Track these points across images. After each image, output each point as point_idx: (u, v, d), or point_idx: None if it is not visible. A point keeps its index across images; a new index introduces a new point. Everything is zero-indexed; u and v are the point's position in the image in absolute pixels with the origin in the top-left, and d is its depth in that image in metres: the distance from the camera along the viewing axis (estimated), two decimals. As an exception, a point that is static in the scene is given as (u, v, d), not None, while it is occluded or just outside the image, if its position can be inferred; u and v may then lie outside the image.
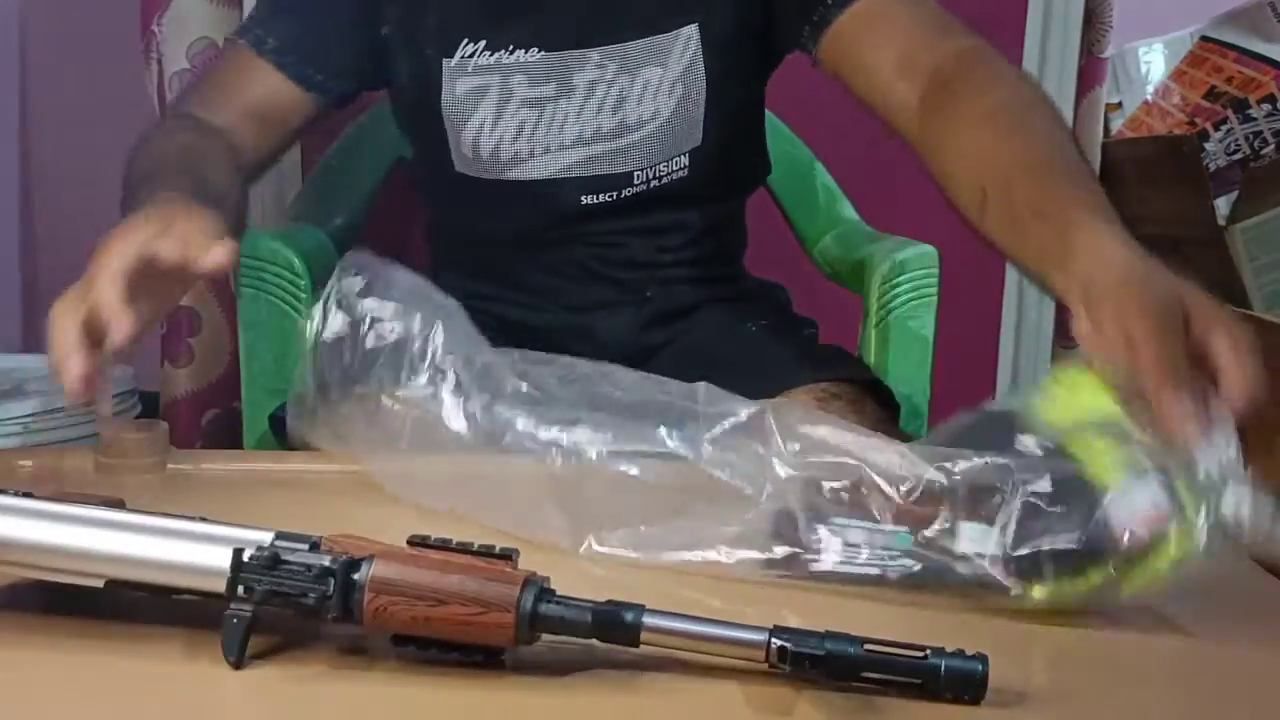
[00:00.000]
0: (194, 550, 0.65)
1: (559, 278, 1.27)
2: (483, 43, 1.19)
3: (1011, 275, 2.06)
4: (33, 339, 2.38)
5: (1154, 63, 2.15)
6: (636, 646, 0.63)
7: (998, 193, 0.90)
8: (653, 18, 1.19)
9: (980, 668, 0.61)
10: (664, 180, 1.23)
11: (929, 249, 1.37)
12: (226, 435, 1.88)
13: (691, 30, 1.19)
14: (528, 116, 1.20)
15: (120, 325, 0.80)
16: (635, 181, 1.23)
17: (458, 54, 1.20)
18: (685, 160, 1.23)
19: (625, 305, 1.28)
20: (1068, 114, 1.99)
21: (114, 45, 2.11)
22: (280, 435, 1.18)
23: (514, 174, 1.22)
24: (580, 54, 1.19)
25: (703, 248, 1.30)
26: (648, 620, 0.63)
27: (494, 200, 1.25)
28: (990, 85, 1.00)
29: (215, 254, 0.84)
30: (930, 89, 1.02)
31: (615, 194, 1.23)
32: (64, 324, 0.81)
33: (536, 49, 1.19)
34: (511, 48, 1.19)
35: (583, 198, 1.23)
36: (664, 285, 1.29)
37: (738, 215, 1.38)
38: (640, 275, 1.28)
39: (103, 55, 2.21)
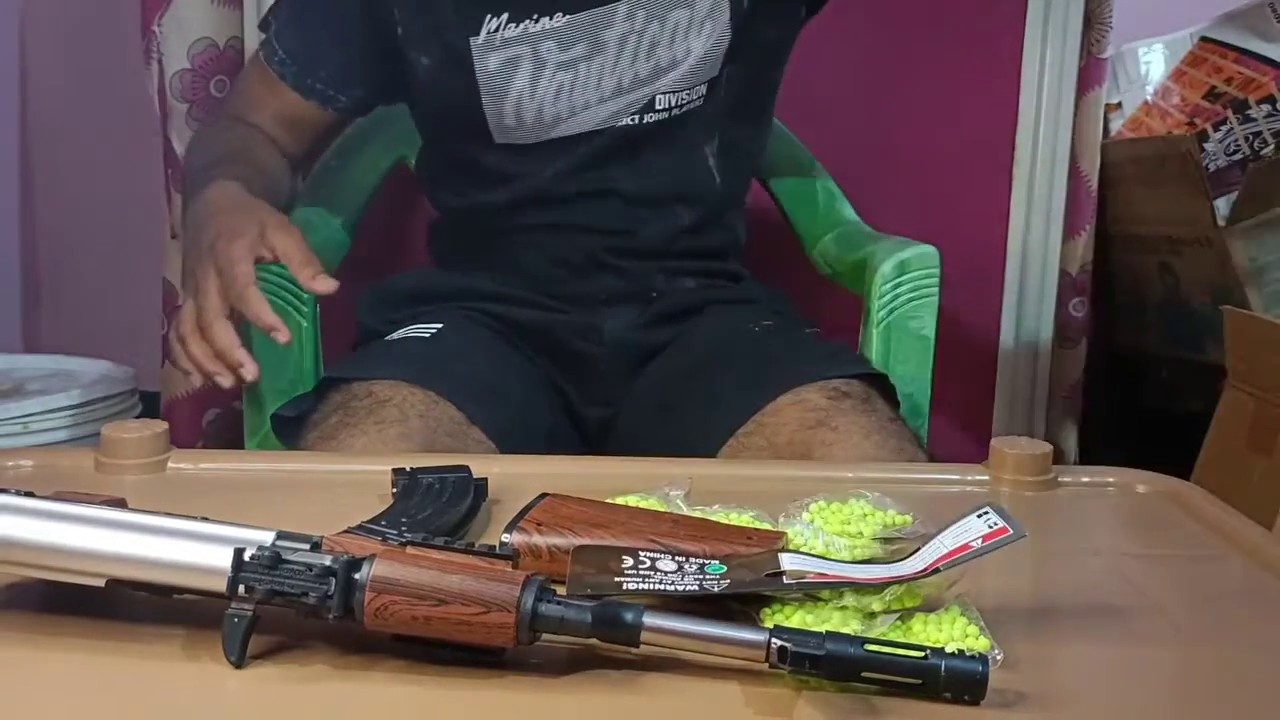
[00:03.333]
0: (195, 549, 0.65)
1: (566, 269, 1.27)
2: (505, 15, 1.21)
3: (1011, 275, 2.06)
4: (33, 339, 2.39)
5: (1154, 63, 2.15)
6: (636, 646, 0.63)
7: None
8: None
9: (980, 668, 0.61)
10: (683, 108, 1.26)
11: (929, 249, 1.37)
12: (226, 435, 1.88)
13: None
14: (564, 79, 1.23)
15: (249, 369, 1.07)
16: (658, 106, 1.25)
17: (483, 31, 1.22)
18: (703, 90, 1.26)
19: (631, 302, 1.28)
20: (1068, 114, 1.99)
21: (114, 45, 2.11)
22: (281, 434, 1.18)
23: (560, 131, 1.25)
24: (607, 10, 1.21)
25: (706, 235, 1.31)
26: (648, 620, 0.63)
27: (537, 160, 1.27)
28: None
29: (323, 285, 1.10)
30: None
31: (638, 118, 1.25)
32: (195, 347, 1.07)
33: (561, 14, 1.21)
34: (536, 16, 1.21)
35: (624, 119, 1.25)
36: (670, 278, 1.29)
37: (737, 209, 1.38)
38: (648, 266, 1.28)
39: (103, 55, 2.21)
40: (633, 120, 1.26)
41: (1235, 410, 1.62)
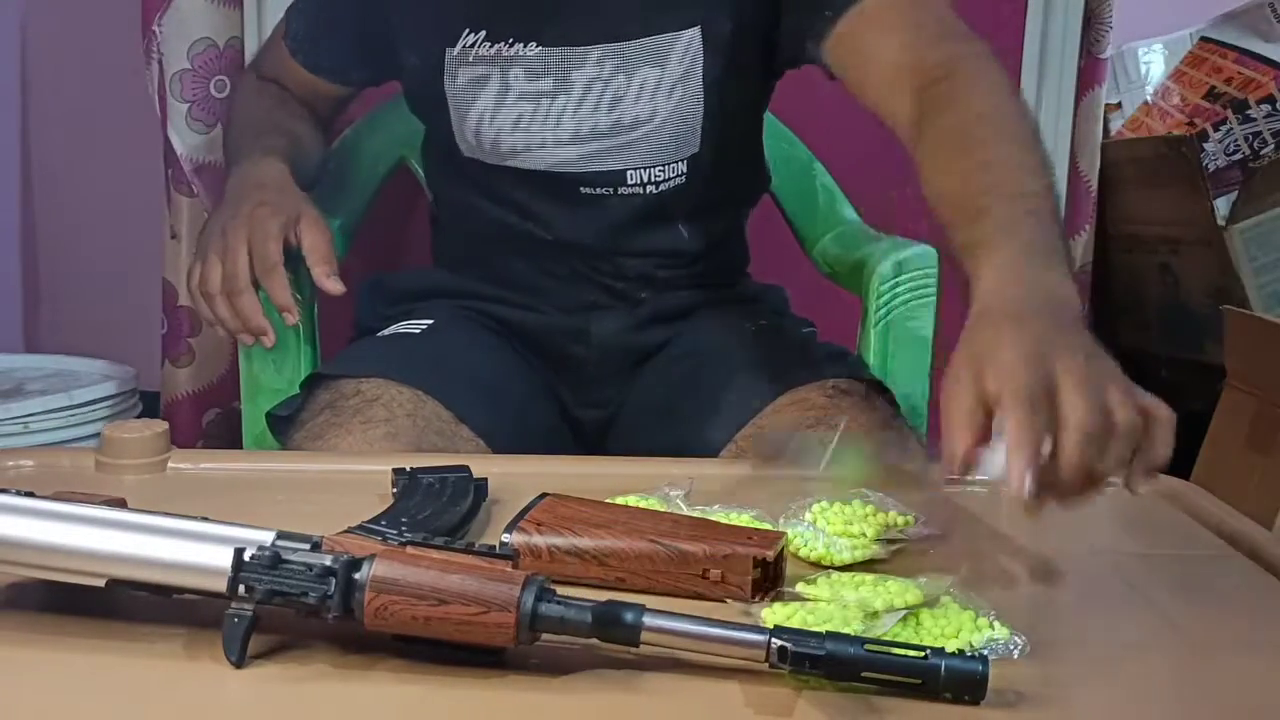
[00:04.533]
0: (195, 549, 0.65)
1: (553, 279, 1.27)
2: (483, 33, 1.20)
3: (1011, 275, 2.06)
4: (33, 339, 2.38)
5: (1154, 63, 2.16)
6: (636, 646, 0.63)
7: (949, 206, 0.92)
8: (653, 17, 1.18)
9: (980, 668, 0.61)
10: (660, 186, 1.22)
11: (929, 249, 1.37)
12: (226, 435, 1.88)
13: (694, 33, 1.18)
14: (525, 110, 1.21)
15: (270, 337, 1.16)
16: (630, 181, 1.22)
17: (459, 43, 1.21)
18: (684, 168, 1.22)
19: (618, 307, 1.27)
20: (1068, 114, 1.99)
21: (114, 45, 2.11)
22: (277, 434, 1.18)
23: (515, 163, 1.23)
24: (580, 51, 1.19)
25: (701, 266, 1.30)
26: (648, 620, 0.63)
27: (497, 185, 1.26)
28: (966, 100, 0.99)
29: (333, 286, 1.17)
30: (917, 106, 1.02)
31: (611, 189, 1.22)
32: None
33: (535, 44, 1.19)
34: (511, 40, 1.20)
35: (581, 188, 1.23)
36: (659, 292, 1.28)
37: (737, 233, 1.37)
38: (634, 284, 1.27)
39: (103, 55, 2.21)
40: (606, 191, 1.22)
41: (1235, 410, 1.62)
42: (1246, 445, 1.59)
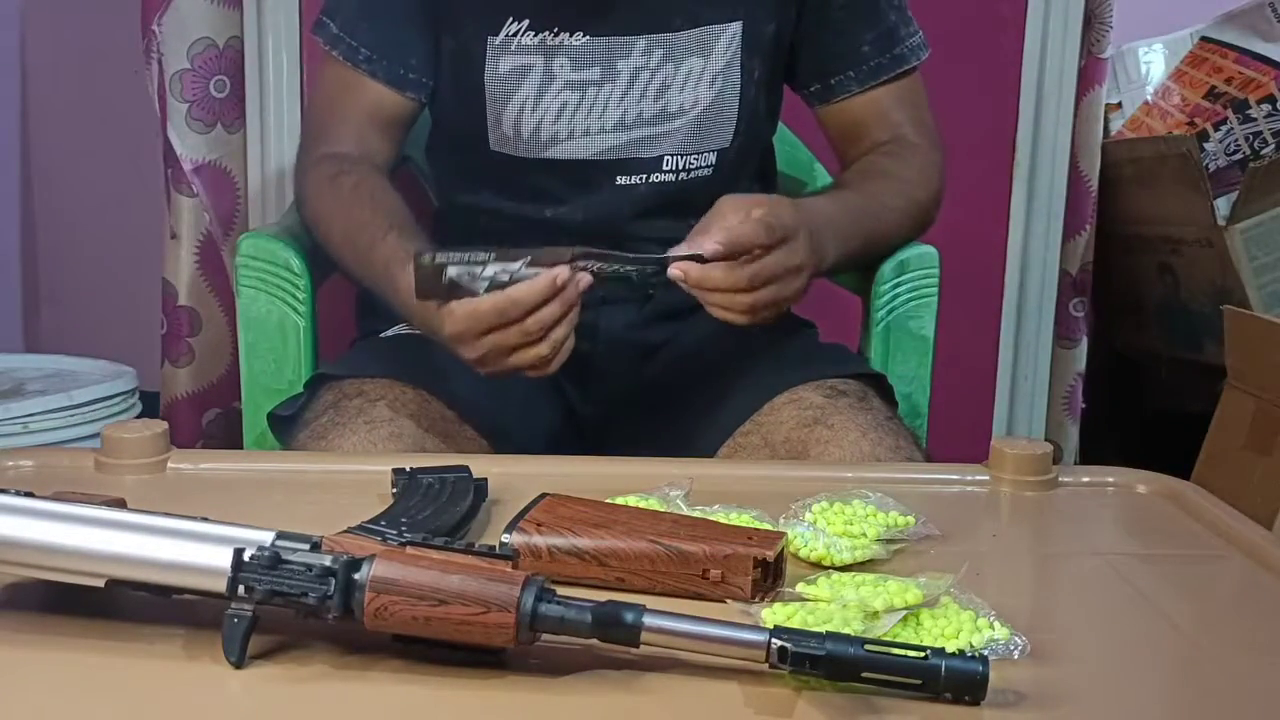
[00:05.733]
0: (195, 550, 0.65)
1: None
2: (526, 22, 1.20)
3: (1011, 275, 2.06)
4: (33, 339, 2.39)
5: (1154, 63, 2.15)
6: (636, 646, 0.63)
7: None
8: (699, 10, 1.21)
9: (980, 668, 0.61)
10: (690, 174, 1.25)
11: (929, 249, 1.37)
12: (226, 435, 1.88)
13: (736, 28, 1.21)
14: (569, 99, 1.21)
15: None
16: (665, 167, 1.24)
17: (502, 32, 1.20)
18: (713, 158, 1.25)
19: (627, 302, 1.27)
20: (1068, 114, 1.99)
21: (114, 45, 2.11)
22: (278, 434, 1.18)
23: (551, 153, 1.23)
24: (626, 40, 1.20)
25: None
26: (648, 620, 0.63)
27: (523, 178, 1.25)
28: (880, 182, 1.25)
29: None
30: (873, 157, 1.28)
31: (644, 177, 1.24)
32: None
33: (582, 33, 1.20)
34: (556, 30, 1.20)
35: (619, 176, 1.24)
36: (668, 288, 1.28)
37: None
38: (645, 276, 1.27)
39: (103, 55, 2.21)
40: (639, 180, 1.24)
41: (1235, 410, 1.62)
42: (1246, 445, 1.58)
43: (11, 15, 2.29)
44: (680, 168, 1.24)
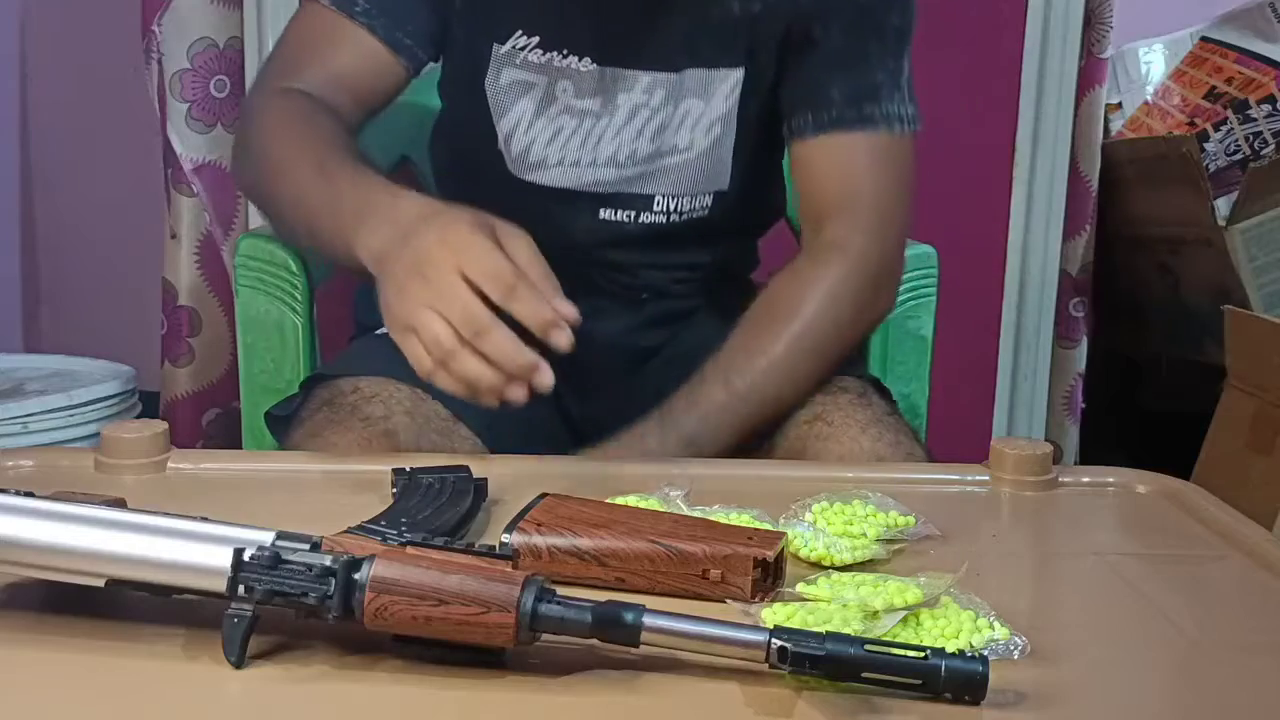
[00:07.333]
0: (195, 550, 0.65)
1: (559, 276, 1.25)
2: (536, 38, 1.16)
3: (1011, 275, 2.06)
4: (33, 339, 2.39)
5: (1154, 63, 2.16)
6: (636, 646, 0.63)
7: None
8: (707, 52, 1.17)
9: (980, 668, 0.61)
10: (684, 216, 1.22)
11: (929, 249, 1.37)
12: (226, 435, 1.88)
13: (739, 74, 1.17)
14: (566, 124, 1.18)
15: (546, 374, 0.87)
16: (655, 208, 1.21)
17: (509, 42, 1.17)
18: (709, 200, 1.22)
19: (621, 310, 1.27)
20: (1068, 114, 1.99)
21: (114, 45, 2.11)
22: (274, 433, 1.18)
23: (534, 177, 1.20)
24: (631, 74, 1.16)
25: (712, 280, 1.30)
26: (648, 620, 0.63)
27: (513, 189, 1.22)
28: (805, 293, 1.14)
29: (543, 379, 0.88)
30: (805, 243, 1.20)
31: (632, 215, 1.21)
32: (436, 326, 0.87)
33: (590, 59, 1.15)
34: (565, 51, 1.15)
35: (601, 211, 1.21)
36: (664, 297, 1.28)
37: (751, 248, 1.37)
38: (640, 290, 1.27)
39: (103, 55, 2.21)
40: (626, 217, 1.21)
41: (1235, 410, 1.62)
42: (1246, 445, 1.59)
43: (11, 15, 2.29)
44: (674, 209, 1.21)
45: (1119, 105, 2.13)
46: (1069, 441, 2.09)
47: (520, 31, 1.16)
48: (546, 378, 0.85)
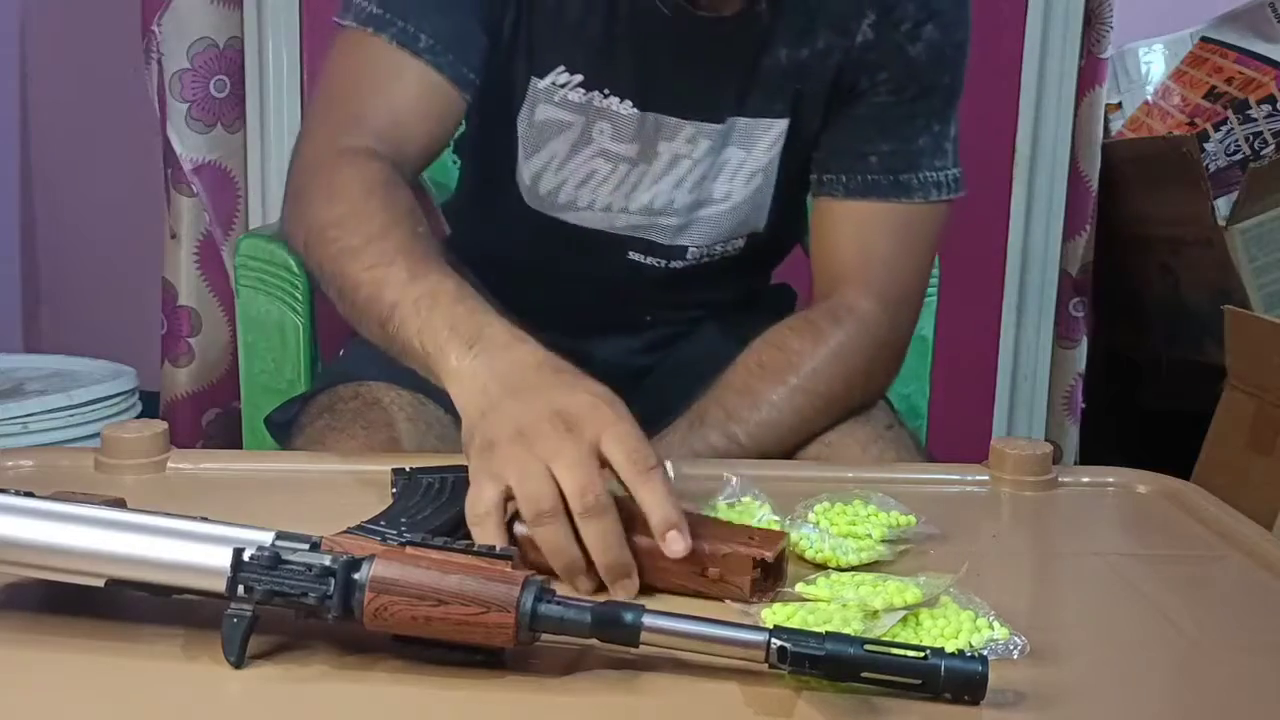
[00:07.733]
0: (194, 550, 0.65)
1: (565, 309, 1.21)
2: (579, 76, 1.10)
3: (1011, 275, 2.06)
4: (33, 339, 2.39)
5: (1154, 63, 2.16)
6: (636, 646, 0.63)
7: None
8: (753, 101, 1.12)
9: (980, 668, 0.61)
10: (715, 258, 1.20)
11: (929, 249, 1.37)
12: (226, 435, 1.88)
13: (784, 125, 1.13)
14: (600, 168, 1.14)
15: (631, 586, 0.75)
16: (689, 256, 1.19)
17: (549, 77, 1.10)
18: (742, 243, 1.20)
19: (625, 331, 1.26)
20: (1068, 114, 1.99)
21: (114, 45, 2.11)
22: (274, 436, 1.18)
23: (565, 216, 1.16)
24: (674, 122, 1.12)
25: (725, 307, 1.28)
26: (648, 620, 0.63)
27: (532, 225, 1.18)
28: (813, 351, 1.09)
29: (630, 588, 0.75)
30: (815, 302, 1.14)
31: (664, 262, 1.18)
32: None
33: (631, 103, 1.10)
34: (608, 91, 1.10)
35: (630, 254, 1.18)
36: (670, 323, 1.27)
37: (768, 276, 1.36)
38: (647, 313, 1.26)
39: (103, 55, 2.21)
40: (656, 263, 1.18)
41: (1235, 410, 1.62)
42: (1246, 445, 1.59)
43: (11, 15, 2.29)
44: (704, 255, 1.19)
45: (1119, 105, 2.13)
46: (1069, 441, 2.09)
47: (562, 67, 1.10)
48: (632, 588, 0.75)
